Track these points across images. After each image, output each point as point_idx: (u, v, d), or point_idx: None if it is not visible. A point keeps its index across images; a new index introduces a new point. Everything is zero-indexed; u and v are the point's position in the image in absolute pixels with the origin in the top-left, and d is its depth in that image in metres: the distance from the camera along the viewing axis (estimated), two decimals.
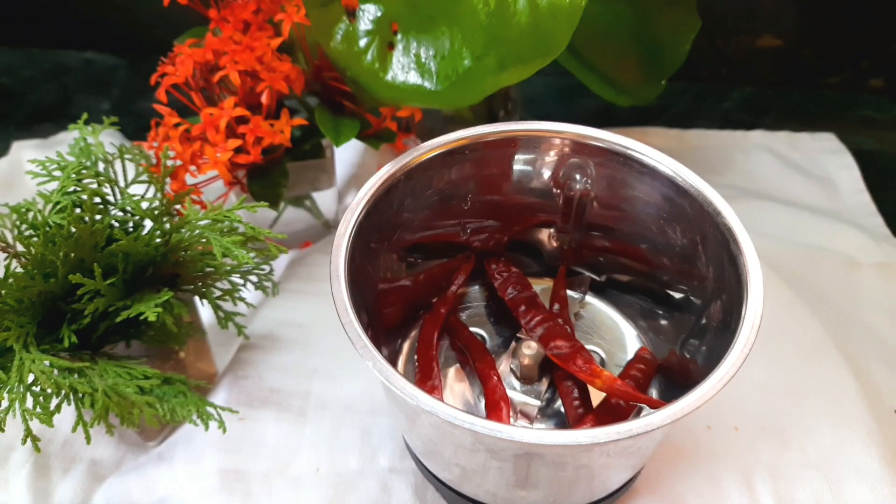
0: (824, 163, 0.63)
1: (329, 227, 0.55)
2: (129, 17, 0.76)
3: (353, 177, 0.60)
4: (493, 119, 0.56)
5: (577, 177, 0.36)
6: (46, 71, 0.75)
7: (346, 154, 0.61)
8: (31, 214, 0.39)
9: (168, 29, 0.52)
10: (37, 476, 0.41)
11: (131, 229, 0.38)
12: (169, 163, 0.37)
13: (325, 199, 0.53)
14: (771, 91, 0.72)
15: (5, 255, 0.36)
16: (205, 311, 0.45)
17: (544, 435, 0.23)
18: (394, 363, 0.38)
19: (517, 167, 0.37)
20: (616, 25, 0.52)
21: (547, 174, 0.37)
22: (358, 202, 0.32)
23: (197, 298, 0.43)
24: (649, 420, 0.23)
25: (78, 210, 0.35)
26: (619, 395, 0.32)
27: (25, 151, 0.63)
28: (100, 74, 0.75)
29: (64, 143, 0.64)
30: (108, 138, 0.61)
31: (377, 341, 0.28)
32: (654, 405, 0.32)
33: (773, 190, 0.60)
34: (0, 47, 0.78)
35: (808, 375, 0.42)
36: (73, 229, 0.31)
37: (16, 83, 0.74)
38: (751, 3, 0.69)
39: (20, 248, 0.36)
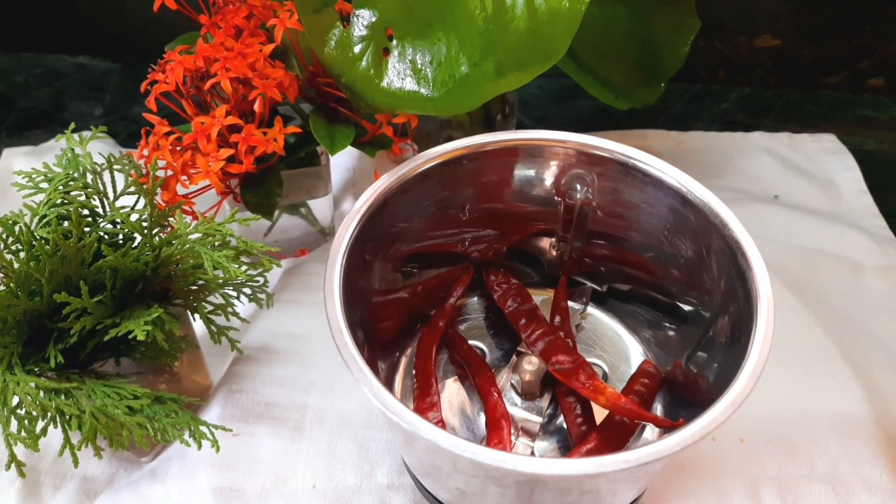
0: (825, 164, 0.62)
1: (325, 234, 0.54)
2: (121, 22, 0.75)
3: (349, 182, 0.59)
4: (489, 122, 0.55)
5: (579, 186, 0.35)
6: (38, 76, 0.74)
7: (342, 158, 0.60)
8: (18, 227, 0.38)
9: (161, 33, 0.51)
10: (27, 493, 0.40)
11: (121, 242, 0.37)
12: (159, 173, 0.36)
13: (320, 207, 0.52)
14: (770, 92, 0.72)
15: None
16: (198, 323, 0.44)
17: (549, 464, 0.22)
18: (391, 378, 0.37)
19: (517, 176, 0.36)
20: (614, 28, 0.51)
21: (548, 183, 0.36)
22: (353, 214, 0.31)
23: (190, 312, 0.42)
24: (659, 447, 0.23)
25: (65, 223, 0.34)
26: (624, 413, 0.32)
27: (16, 159, 0.62)
28: (92, 79, 0.74)
29: (55, 150, 0.63)
30: (99, 145, 0.60)
31: (374, 357, 0.27)
32: (661, 424, 0.31)
33: (774, 192, 0.59)
34: None
35: (814, 384, 0.42)
36: (59, 245, 0.30)
37: (7, 88, 0.73)
38: (749, 4, 0.68)
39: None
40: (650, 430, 0.34)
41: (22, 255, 0.33)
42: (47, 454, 0.42)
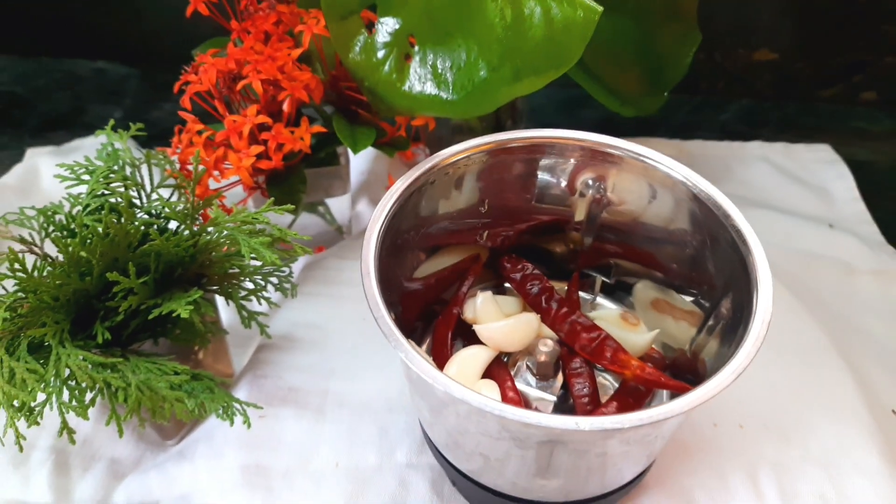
0: (820, 173, 0.65)
1: (342, 232, 0.56)
2: (140, 28, 0.78)
3: (365, 184, 0.62)
4: (499, 129, 0.58)
5: (591, 182, 0.38)
6: (59, 80, 0.77)
7: (357, 162, 0.63)
8: (58, 217, 0.40)
9: (179, 39, 0.53)
10: (57, 474, 0.42)
11: (158, 231, 0.40)
12: (199, 167, 0.39)
13: (338, 206, 0.55)
14: (768, 104, 0.75)
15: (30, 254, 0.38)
16: (223, 314, 0.46)
17: (569, 420, 0.25)
18: None
19: (533, 172, 0.39)
20: (621, 39, 0.53)
21: (562, 179, 0.39)
22: (387, 199, 0.33)
23: (217, 301, 0.44)
24: (671, 406, 0.25)
25: (112, 212, 0.36)
26: (649, 381, 0.34)
27: (40, 158, 0.64)
28: (111, 84, 0.77)
29: (78, 150, 0.65)
30: (120, 146, 0.62)
31: None
32: (681, 389, 0.33)
33: (771, 199, 0.62)
34: (13, 57, 0.79)
35: (809, 376, 0.44)
36: (110, 228, 0.33)
37: (29, 92, 0.75)
38: (748, 19, 0.71)
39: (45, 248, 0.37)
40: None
41: (71, 239, 0.35)
42: (76, 437, 0.43)
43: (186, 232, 0.37)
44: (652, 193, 0.36)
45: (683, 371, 0.37)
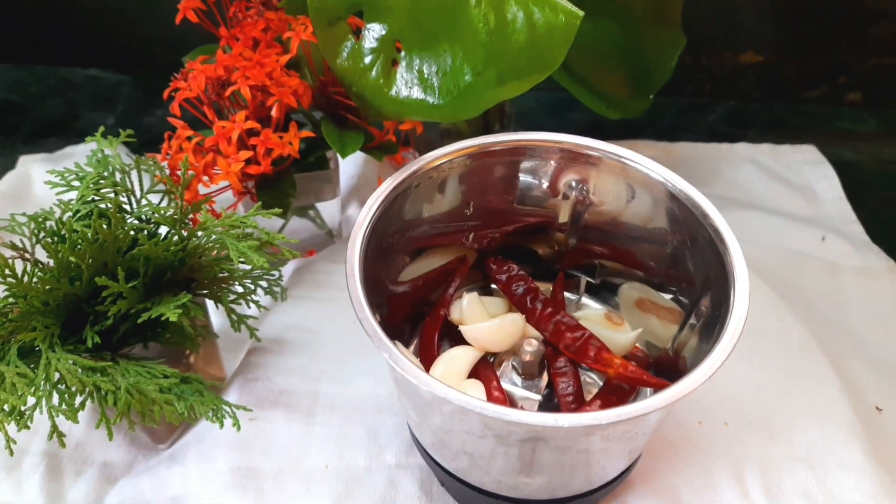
0: (805, 173, 0.66)
1: (332, 236, 0.57)
2: (133, 35, 0.78)
3: (355, 188, 0.62)
4: (488, 132, 0.58)
5: (574, 184, 0.38)
6: (52, 87, 0.77)
7: (346, 167, 0.63)
8: (49, 223, 0.40)
9: (171, 46, 0.54)
10: (50, 479, 0.42)
11: (147, 236, 0.40)
12: (188, 173, 0.39)
13: (328, 210, 0.55)
14: (754, 105, 0.75)
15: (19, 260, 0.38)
16: (215, 318, 0.47)
17: (548, 417, 0.25)
18: None
19: (517, 175, 0.39)
20: (606, 42, 0.54)
21: (545, 182, 0.39)
22: (371, 203, 0.34)
23: (208, 305, 0.45)
24: (648, 403, 0.25)
25: (101, 217, 0.37)
26: (631, 380, 0.34)
27: (32, 165, 0.64)
28: (104, 91, 0.77)
29: (70, 157, 0.66)
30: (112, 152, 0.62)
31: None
32: (664, 386, 0.33)
33: (758, 199, 0.62)
34: (6, 65, 0.80)
35: (794, 374, 0.44)
36: (98, 233, 0.33)
37: (22, 99, 0.76)
38: (734, 22, 0.72)
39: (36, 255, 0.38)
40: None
41: (61, 245, 0.35)
42: (68, 442, 0.43)
43: (176, 237, 0.37)
44: (631, 193, 0.37)
45: (667, 369, 0.37)
